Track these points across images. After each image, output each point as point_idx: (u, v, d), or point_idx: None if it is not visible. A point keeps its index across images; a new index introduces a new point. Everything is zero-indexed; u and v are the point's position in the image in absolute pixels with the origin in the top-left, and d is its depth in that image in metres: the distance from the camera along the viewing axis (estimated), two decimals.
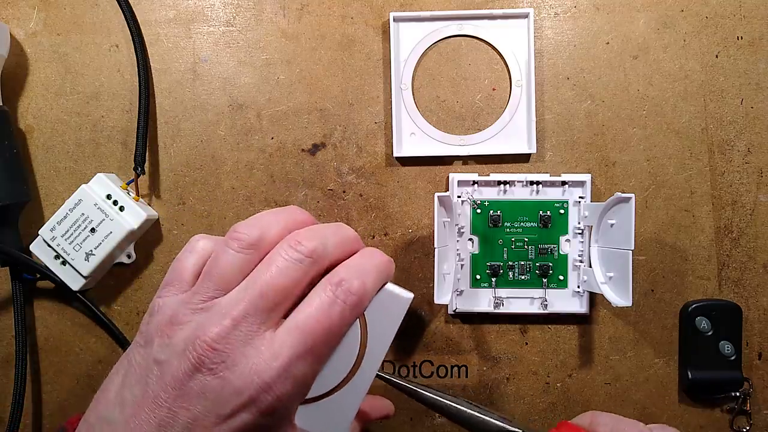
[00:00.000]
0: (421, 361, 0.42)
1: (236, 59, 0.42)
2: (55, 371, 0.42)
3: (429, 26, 0.42)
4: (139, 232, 0.40)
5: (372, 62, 0.42)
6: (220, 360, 0.24)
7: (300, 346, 0.24)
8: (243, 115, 0.42)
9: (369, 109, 0.42)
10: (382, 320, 0.28)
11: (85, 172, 0.42)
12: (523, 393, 0.42)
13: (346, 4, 0.42)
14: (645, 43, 0.42)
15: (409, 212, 0.42)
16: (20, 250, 0.40)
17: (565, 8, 0.42)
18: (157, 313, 0.26)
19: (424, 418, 0.42)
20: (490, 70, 0.42)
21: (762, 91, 0.42)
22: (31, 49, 0.42)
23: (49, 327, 0.42)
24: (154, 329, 0.25)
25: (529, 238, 0.41)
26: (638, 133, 0.42)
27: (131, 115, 0.42)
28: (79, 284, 0.39)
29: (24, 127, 0.42)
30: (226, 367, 0.24)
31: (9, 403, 0.39)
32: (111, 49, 0.42)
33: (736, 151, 0.42)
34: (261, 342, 0.24)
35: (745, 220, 0.42)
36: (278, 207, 0.35)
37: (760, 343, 0.42)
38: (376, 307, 0.28)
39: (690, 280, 0.42)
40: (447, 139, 0.42)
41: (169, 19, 0.42)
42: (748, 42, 0.42)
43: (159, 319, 0.25)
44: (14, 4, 0.42)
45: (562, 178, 0.41)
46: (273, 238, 0.27)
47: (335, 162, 0.42)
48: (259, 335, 0.25)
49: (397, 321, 0.28)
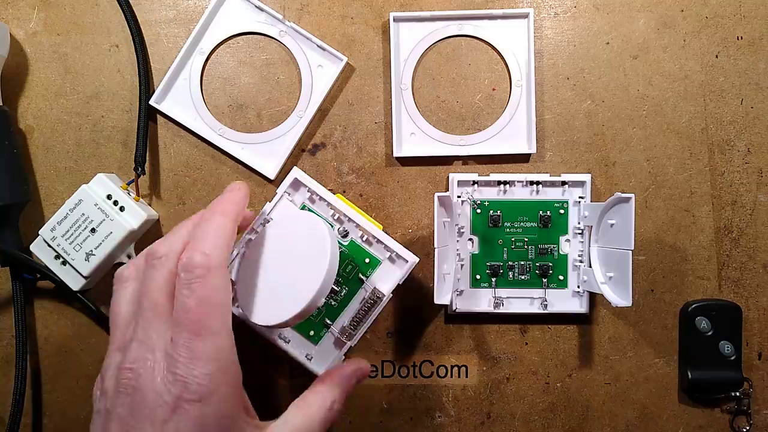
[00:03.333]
0: (421, 361, 0.42)
1: (236, 59, 0.42)
2: (55, 371, 0.42)
3: (429, 26, 0.42)
4: (139, 233, 0.40)
5: (372, 62, 0.42)
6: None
7: (191, 335, 0.27)
8: (243, 115, 0.42)
9: (369, 109, 0.42)
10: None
11: (85, 172, 0.42)
12: (523, 393, 0.42)
13: (346, 4, 0.42)
14: (645, 43, 0.42)
15: (409, 212, 0.42)
16: (20, 250, 0.40)
17: (565, 8, 0.42)
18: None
19: (424, 418, 0.42)
20: (490, 70, 0.42)
21: (762, 91, 0.42)
22: (31, 49, 0.42)
23: (49, 327, 0.42)
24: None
25: (529, 238, 0.41)
26: (638, 133, 0.42)
27: (131, 115, 0.42)
28: (79, 284, 0.39)
29: (24, 127, 0.42)
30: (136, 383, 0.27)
31: (9, 403, 0.39)
32: (111, 49, 0.42)
33: (736, 151, 0.42)
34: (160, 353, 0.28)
35: (745, 220, 0.42)
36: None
37: (760, 343, 0.42)
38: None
39: (690, 280, 0.42)
40: (447, 139, 0.42)
41: (169, 19, 0.42)
42: (748, 42, 0.42)
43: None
44: (14, 4, 0.42)
45: (562, 178, 0.41)
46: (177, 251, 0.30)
47: (335, 162, 0.42)
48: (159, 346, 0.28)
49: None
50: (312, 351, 0.37)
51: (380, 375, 0.42)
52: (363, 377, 0.34)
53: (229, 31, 0.42)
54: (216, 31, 0.42)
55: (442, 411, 0.42)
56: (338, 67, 0.41)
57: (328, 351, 0.37)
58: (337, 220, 0.37)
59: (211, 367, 0.27)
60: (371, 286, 0.36)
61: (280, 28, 0.42)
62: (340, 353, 0.37)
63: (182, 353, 0.27)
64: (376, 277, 0.37)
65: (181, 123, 0.42)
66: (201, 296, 0.28)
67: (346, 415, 0.42)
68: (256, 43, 0.42)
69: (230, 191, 0.33)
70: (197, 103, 0.42)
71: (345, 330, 0.36)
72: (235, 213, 0.31)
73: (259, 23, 0.42)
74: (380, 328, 0.42)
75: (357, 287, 0.37)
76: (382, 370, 0.42)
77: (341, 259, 0.36)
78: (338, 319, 0.37)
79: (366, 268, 0.37)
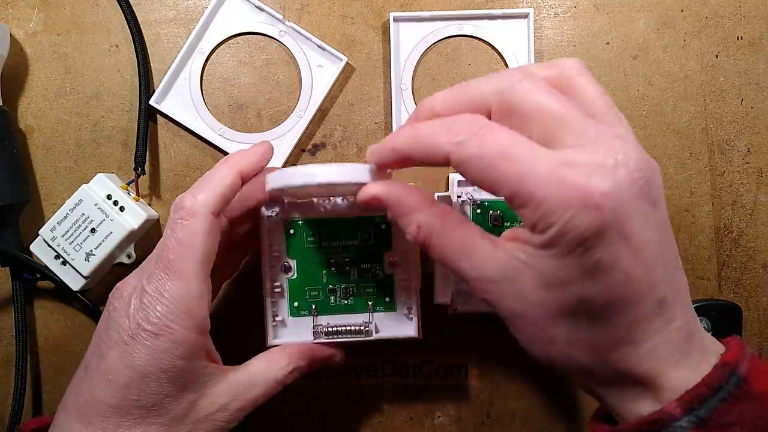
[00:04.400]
0: (421, 361, 0.42)
1: (236, 59, 0.42)
2: (55, 371, 0.42)
3: (429, 26, 0.42)
4: (139, 233, 0.40)
5: (372, 62, 0.42)
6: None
7: (163, 272, 0.29)
8: (243, 115, 0.42)
9: (369, 109, 0.42)
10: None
11: (85, 172, 0.42)
12: (523, 393, 0.42)
13: (346, 4, 0.42)
14: (645, 43, 0.42)
15: None
16: (20, 250, 0.40)
17: (565, 8, 0.42)
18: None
19: (424, 418, 0.42)
20: (490, 70, 0.42)
21: (762, 91, 0.42)
22: (31, 49, 0.42)
23: (49, 327, 0.42)
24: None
25: None
26: (638, 133, 0.42)
27: (131, 115, 0.42)
28: (79, 284, 0.39)
29: (24, 127, 0.42)
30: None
31: (9, 403, 0.39)
32: (111, 49, 0.42)
33: (736, 151, 0.42)
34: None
35: (745, 220, 0.42)
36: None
37: (760, 343, 0.42)
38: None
39: (690, 280, 0.42)
40: None
41: (169, 19, 0.42)
42: (748, 42, 0.42)
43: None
44: (14, 4, 0.42)
45: None
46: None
47: (335, 162, 0.42)
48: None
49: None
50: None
51: (380, 375, 0.42)
52: (330, 366, 0.36)
53: (229, 31, 0.42)
54: (216, 31, 0.42)
55: (442, 411, 0.42)
56: (338, 67, 0.41)
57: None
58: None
59: (173, 308, 0.28)
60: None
61: (280, 28, 0.42)
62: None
63: (152, 288, 0.29)
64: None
65: (181, 123, 0.42)
66: (180, 237, 0.29)
67: (346, 415, 0.42)
68: (256, 43, 0.42)
69: (249, 148, 0.33)
70: (197, 103, 0.42)
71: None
72: (243, 166, 0.32)
73: (259, 23, 0.42)
74: None
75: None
76: (382, 370, 0.42)
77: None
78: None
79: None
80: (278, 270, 0.35)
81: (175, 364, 0.29)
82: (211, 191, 0.30)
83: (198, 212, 0.29)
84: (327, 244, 0.35)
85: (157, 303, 0.28)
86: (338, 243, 0.35)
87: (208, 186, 0.30)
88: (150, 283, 0.29)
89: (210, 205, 0.30)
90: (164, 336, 0.28)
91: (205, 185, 0.30)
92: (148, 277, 0.29)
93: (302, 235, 0.35)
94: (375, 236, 0.35)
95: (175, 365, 0.29)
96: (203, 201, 0.30)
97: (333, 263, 0.35)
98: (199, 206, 0.29)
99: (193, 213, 0.29)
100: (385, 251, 0.35)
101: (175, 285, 0.29)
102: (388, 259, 0.35)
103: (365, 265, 0.35)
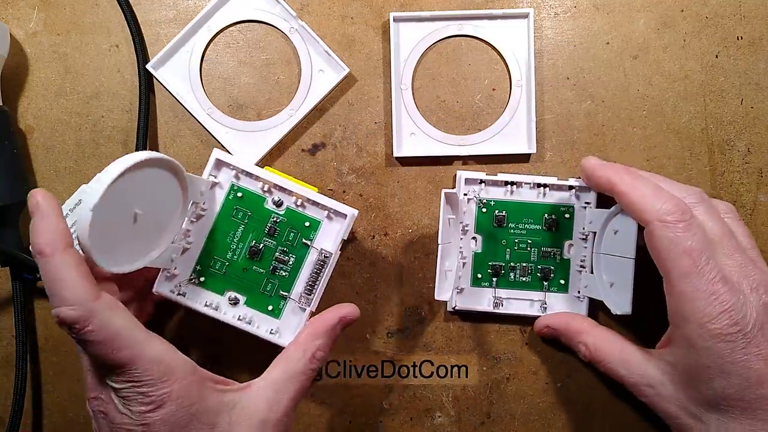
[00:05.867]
0: (421, 361, 0.42)
1: (236, 59, 0.42)
2: (55, 371, 0.42)
3: (429, 26, 0.42)
4: None
5: (372, 62, 0.42)
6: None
7: (115, 375, 0.30)
8: (243, 115, 0.42)
9: (369, 109, 0.42)
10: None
11: (85, 172, 0.42)
12: (523, 393, 0.42)
13: (346, 4, 0.42)
14: (645, 43, 0.42)
15: (409, 212, 0.42)
16: (20, 250, 0.40)
17: (565, 8, 0.42)
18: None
19: (424, 418, 0.42)
20: (490, 70, 0.42)
21: (762, 91, 0.42)
22: (31, 49, 0.42)
23: (49, 327, 0.42)
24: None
25: (532, 240, 0.41)
26: (638, 133, 0.42)
27: (131, 115, 0.42)
28: None
29: (24, 127, 0.42)
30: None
31: (9, 403, 0.39)
32: (111, 49, 0.42)
33: (736, 151, 0.42)
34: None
35: (745, 220, 0.42)
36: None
37: None
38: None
39: None
40: (447, 139, 0.42)
41: (169, 19, 0.42)
42: (748, 42, 0.42)
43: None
44: (14, 4, 0.42)
45: (569, 183, 0.40)
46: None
47: (335, 162, 0.42)
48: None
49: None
50: (276, 325, 0.37)
51: (380, 375, 0.42)
52: (348, 322, 0.36)
53: (241, 15, 0.42)
54: (229, 12, 0.42)
55: (442, 411, 0.42)
56: (339, 75, 0.41)
57: (292, 321, 0.37)
58: (268, 191, 0.37)
59: (152, 379, 0.29)
60: (318, 247, 0.37)
61: (292, 24, 0.42)
62: (301, 321, 0.37)
63: (124, 392, 0.30)
64: (320, 238, 0.37)
65: (172, 92, 0.41)
66: (99, 334, 0.29)
67: (346, 414, 0.42)
68: (257, 43, 0.42)
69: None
70: (193, 77, 0.42)
71: (302, 297, 0.37)
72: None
73: (273, 15, 0.42)
74: (380, 328, 0.42)
75: (304, 252, 0.37)
76: (382, 370, 0.42)
77: (282, 227, 0.37)
78: (293, 288, 0.37)
79: (308, 232, 0.37)
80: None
81: (188, 411, 0.30)
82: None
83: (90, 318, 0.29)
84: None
85: (142, 399, 0.29)
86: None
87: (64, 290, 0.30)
88: (114, 381, 0.30)
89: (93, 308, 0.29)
90: (167, 403, 0.29)
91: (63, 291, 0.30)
92: (107, 377, 0.30)
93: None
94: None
95: (189, 411, 0.30)
96: (87, 308, 0.29)
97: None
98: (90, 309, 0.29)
99: (88, 318, 0.29)
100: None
101: (134, 366, 0.29)
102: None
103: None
